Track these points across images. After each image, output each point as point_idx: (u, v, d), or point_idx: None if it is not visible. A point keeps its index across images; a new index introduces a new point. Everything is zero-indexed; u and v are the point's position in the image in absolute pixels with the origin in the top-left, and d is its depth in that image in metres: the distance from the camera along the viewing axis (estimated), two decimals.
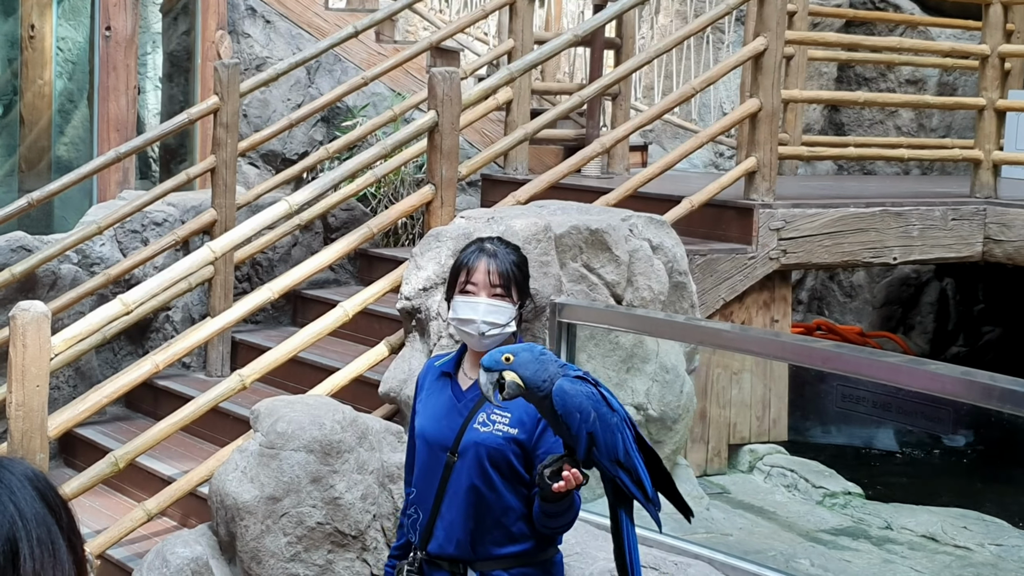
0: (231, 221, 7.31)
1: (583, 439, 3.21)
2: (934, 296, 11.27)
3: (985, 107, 8.13)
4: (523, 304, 3.61)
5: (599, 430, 3.21)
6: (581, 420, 3.20)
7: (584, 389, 3.23)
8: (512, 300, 3.59)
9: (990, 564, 5.92)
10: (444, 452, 3.59)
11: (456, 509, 3.57)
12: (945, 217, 7.87)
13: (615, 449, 3.23)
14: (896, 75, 12.00)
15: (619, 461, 3.24)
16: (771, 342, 5.35)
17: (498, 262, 3.59)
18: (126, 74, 8.94)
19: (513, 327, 3.61)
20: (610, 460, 3.24)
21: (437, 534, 3.61)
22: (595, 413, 3.21)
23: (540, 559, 3.60)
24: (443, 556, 3.61)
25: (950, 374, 4.29)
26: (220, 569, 5.02)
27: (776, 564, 5.18)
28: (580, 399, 3.21)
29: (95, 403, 5.69)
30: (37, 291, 7.15)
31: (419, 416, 3.70)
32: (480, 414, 3.55)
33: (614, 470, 3.25)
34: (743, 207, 7.22)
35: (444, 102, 6.33)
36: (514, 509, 3.54)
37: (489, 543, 3.55)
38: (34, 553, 1.37)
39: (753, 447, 7.15)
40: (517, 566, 3.57)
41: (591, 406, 3.21)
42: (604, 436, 3.22)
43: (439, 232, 5.80)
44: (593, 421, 3.20)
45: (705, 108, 11.73)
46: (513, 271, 3.59)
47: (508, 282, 3.59)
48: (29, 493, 1.40)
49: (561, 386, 3.21)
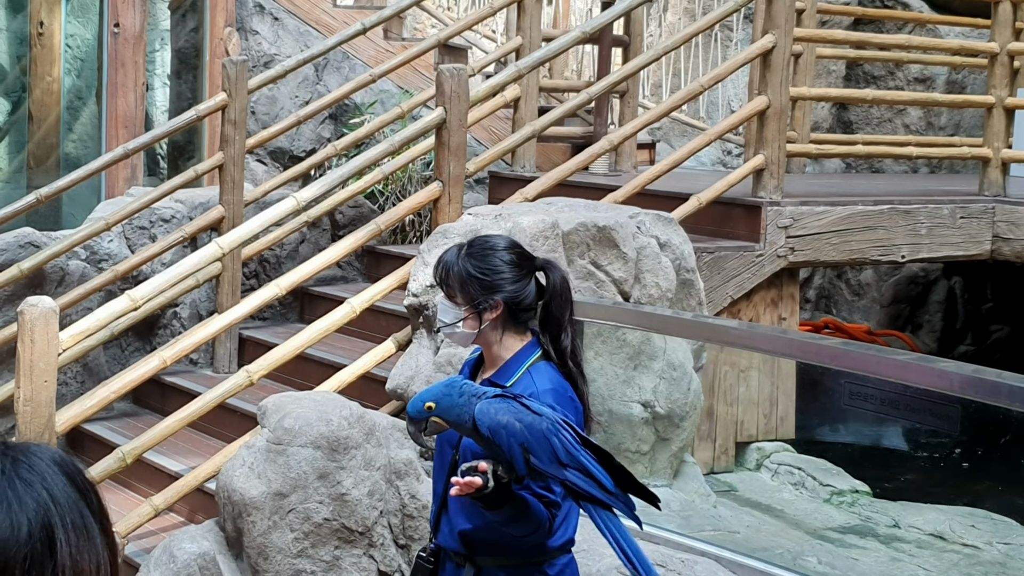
0: (239, 218, 7.31)
1: (517, 453, 3.19)
2: (942, 295, 11.25)
3: (994, 105, 8.11)
4: (478, 306, 3.58)
5: (529, 439, 3.19)
6: (508, 434, 3.19)
7: (502, 405, 3.22)
8: (456, 302, 3.57)
9: (998, 563, 5.91)
10: (451, 449, 3.60)
11: (457, 505, 3.58)
12: (953, 215, 7.86)
13: (552, 452, 3.20)
14: (904, 73, 11.98)
15: (560, 462, 3.21)
16: (779, 339, 5.35)
17: (444, 263, 3.60)
18: (134, 71, 8.94)
19: (461, 328, 3.57)
20: (552, 464, 3.21)
21: (443, 527, 3.64)
22: (519, 424, 3.19)
23: (538, 560, 3.57)
24: (448, 549, 3.64)
25: (958, 372, 4.28)
26: (227, 565, 5.02)
27: (783, 562, 5.17)
28: (500, 415, 3.20)
29: (103, 398, 5.70)
30: (45, 287, 7.16)
31: None
32: None
33: (559, 473, 3.22)
34: (751, 204, 7.21)
35: (452, 99, 6.33)
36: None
37: (488, 540, 3.55)
38: (69, 538, 1.37)
39: (760, 445, 7.15)
40: (513, 565, 3.56)
41: (513, 418, 3.19)
42: (537, 443, 3.20)
43: (447, 229, 5.80)
44: (521, 431, 3.19)
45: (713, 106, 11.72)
46: (456, 272, 3.56)
47: (447, 281, 3.58)
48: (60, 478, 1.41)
49: (480, 409, 3.20)
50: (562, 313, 3.57)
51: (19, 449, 1.43)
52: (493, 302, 3.55)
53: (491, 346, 3.59)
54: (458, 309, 3.57)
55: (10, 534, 1.35)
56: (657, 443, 6.03)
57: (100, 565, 1.40)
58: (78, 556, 1.38)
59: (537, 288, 3.62)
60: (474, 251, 3.61)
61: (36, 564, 1.35)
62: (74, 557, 1.37)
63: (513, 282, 3.57)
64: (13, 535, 1.35)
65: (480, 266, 3.56)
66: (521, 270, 3.60)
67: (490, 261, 3.58)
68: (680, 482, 6.17)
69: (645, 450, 5.98)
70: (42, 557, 1.35)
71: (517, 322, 3.61)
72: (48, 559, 1.36)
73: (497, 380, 3.55)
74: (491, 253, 3.59)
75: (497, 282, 3.55)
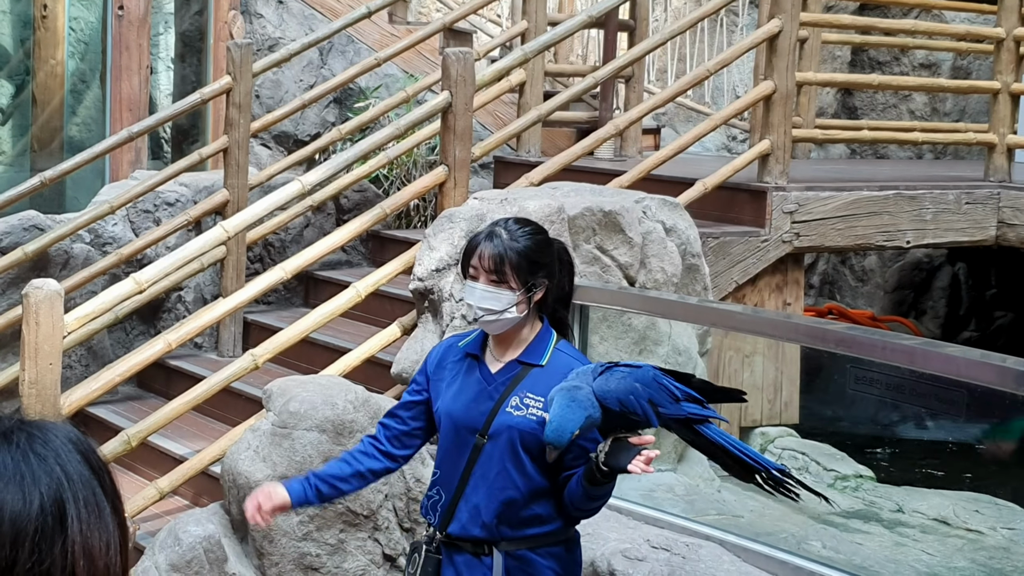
0: (243, 202, 7.31)
1: (649, 410, 3.32)
2: (946, 280, 11.25)
3: (1000, 91, 8.09)
4: (530, 288, 3.57)
5: (653, 393, 3.32)
6: (636, 398, 3.30)
7: (612, 376, 3.32)
8: (510, 286, 3.55)
9: (1002, 548, 5.92)
10: (472, 435, 3.58)
11: (484, 491, 3.57)
12: (959, 201, 7.84)
13: (670, 393, 3.35)
14: (910, 59, 11.96)
15: (677, 399, 3.36)
16: (784, 324, 5.35)
17: (494, 246, 3.55)
18: (138, 54, 8.93)
19: (513, 313, 3.55)
20: (673, 404, 3.35)
21: (460, 516, 3.61)
22: (639, 384, 3.32)
23: (564, 538, 3.64)
24: (465, 538, 3.61)
25: (964, 357, 4.28)
26: (232, 548, 5.03)
27: (788, 546, 5.17)
28: (619, 385, 3.31)
29: (107, 382, 5.70)
30: (49, 270, 7.16)
31: (443, 397, 3.67)
32: (512, 398, 3.55)
33: (682, 410, 3.36)
34: (756, 190, 7.20)
35: (458, 82, 6.32)
36: (543, 491, 3.57)
37: (518, 523, 3.57)
38: (81, 514, 1.37)
39: (765, 430, 7.15)
40: (544, 545, 3.60)
41: (629, 381, 3.31)
42: (656, 393, 3.33)
43: (452, 213, 5.80)
44: (643, 390, 3.31)
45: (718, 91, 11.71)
46: (511, 256, 3.53)
47: (502, 267, 3.53)
48: (74, 456, 1.41)
49: (598, 391, 3.30)
50: (572, 290, 3.76)
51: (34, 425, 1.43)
52: (542, 283, 3.58)
53: (523, 328, 3.60)
54: (512, 294, 3.55)
55: (22, 508, 1.35)
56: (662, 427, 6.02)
57: (110, 543, 1.40)
58: (89, 533, 1.38)
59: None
60: (521, 233, 3.60)
61: (47, 538, 1.35)
62: (85, 533, 1.37)
63: (552, 262, 3.66)
64: (25, 509, 1.35)
65: (533, 248, 3.59)
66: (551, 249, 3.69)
67: (539, 242, 3.62)
68: (684, 467, 6.17)
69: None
70: (53, 532, 1.36)
71: (543, 303, 3.65)
72: (59, 534, 1.36)
73: (527, 360, 3.57)
74: (536, 235, 3.64)
75: (545, 263, 3.61)
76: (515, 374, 3.58)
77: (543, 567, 3.58)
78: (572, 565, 3.65)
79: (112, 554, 1.40)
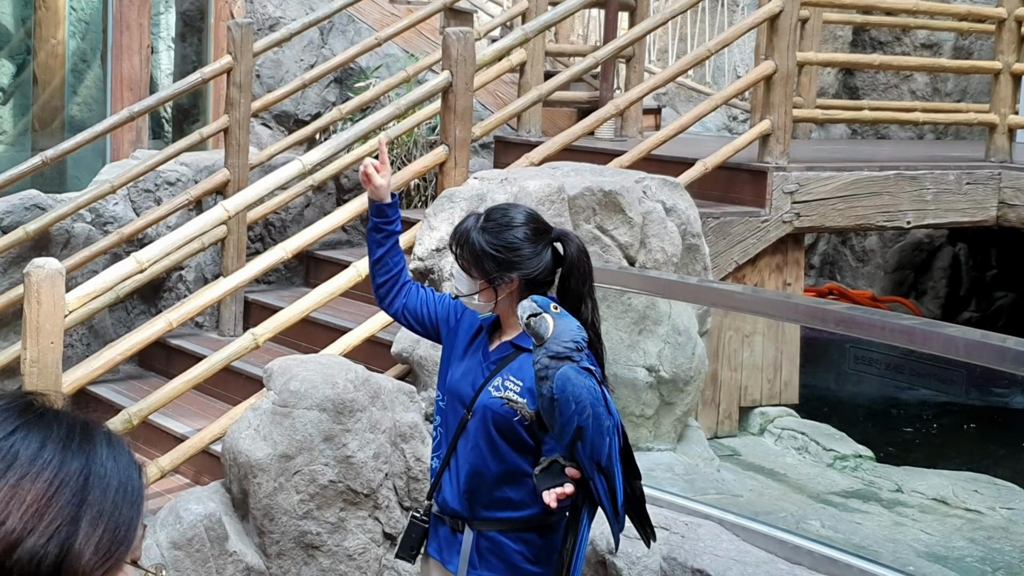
0: (244, 181, 7.31)
1: (571, 430, 3.22)
2: (947, 261, 11.25)
3: (1001, 71, 8.08)
4: (493, 281, 3.54)
5: (590, 427, 3.21)
6: (575, 411, 3.21)
7: (589, 383, 3.24)
8: (471, 275, 3.55)
9: (1001, 528, 5.93)
10: (462, 408, 3.60)
11: (461, 466, 3.59)
12: (959, 181, 7.84)
13: (600, 452, 3.23)
14: (911, 39, 11.93)
15: (600, 465, 3.24)
16: (784, 304, 5.36)
17: (461, 232, 3.57)
18: (139, 33, 8.92)
19: (477, 300, 3.55)
20: (591, 460, 3.23)
21: (444, 487, 3.63)
22: (591, 410, 3.22)
23: (539, 524, 3.58)
24: (446, 510, 3.63)
25: (963, 336, 4.29)
26: (233, 526, 5.05)
27: (786, 525, 5.19)
28: (581, 391, 3.21)
29: (109, 360, 5.71)
30: (51, 249, 7.17)
31: (452, 365, 3.69)
32: (497, 378, 3.55)
33: (592, 472, 3.25)
34: (757, 170, 7.20)
35: (458, 62, 6.31)
36: (516, 475, 3.53)
37: (488, 504, 3.55)
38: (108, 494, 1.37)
39: (764, 410, 7.16)
40: (516, 530, 3.56)
41: (589, 401, 3.22)
42: (593, 435, 3.22)
43: (452, 193, 5.80)
44: (587, 417, 3.21)
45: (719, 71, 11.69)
46: (470, 247, 3.53)
47: (464, 254, 3.55)
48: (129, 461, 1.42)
49: (566, 372, 3.22)
50: (580, 286, 3.51)
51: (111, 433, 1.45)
52: (508, 279, 3.52)
53: (508, 316, 3.58)
54: (474, 282, 3.56)
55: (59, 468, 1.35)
56: (661, 407, 6.04)
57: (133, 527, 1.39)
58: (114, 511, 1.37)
59: (554, 257, 3.57)
60: (490, 225, 3.54)
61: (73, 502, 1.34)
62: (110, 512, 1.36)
63: (529, 258, 3.52)
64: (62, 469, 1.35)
65: (495, 243, 3.51)
66: (537, 244, 3.54)
67: (505, 238, 3.52)
68: (684, 446, 6.19)
69: (649, 414, 5.99)
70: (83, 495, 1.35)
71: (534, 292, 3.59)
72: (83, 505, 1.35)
73: (520, 343, 3.55)
74: (507, 229, 3.53)
75: (512, 259, 3.51)
76: (506, 355, 3.57)
77: (511, 551, 3.55)
78: (547, 552, 3.57)
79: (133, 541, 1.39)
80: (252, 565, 4.98)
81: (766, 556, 4.73)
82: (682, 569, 4.74)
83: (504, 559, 3.56)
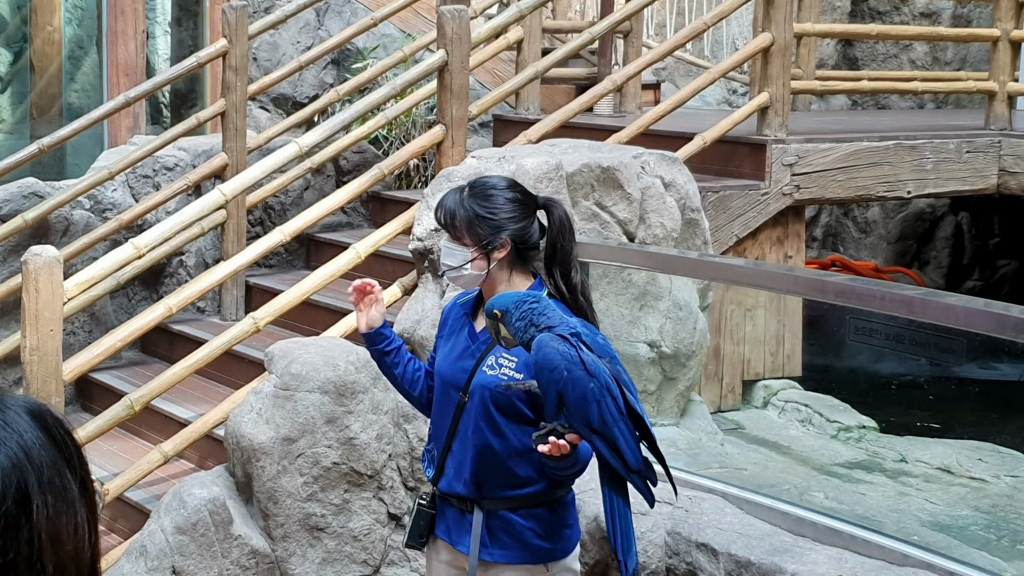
0: (242, 165, 7.30)
1: (552, 397, 3.23)
2: (949, 230, 11.23)
3: (1000, 38, 8.05)
4: (487, 246, 3.56)
5: (569, 392, 3.20)
6: (550, 378, 3.21)
7: (561, 348, 3.22)
8: (463, 243, 3.57)
9: (1005, 495, 5.93)
10: (457, 392, 3.61)
11: (464, 449, 3.59)
12: (959, 150, 7.82)
13: (587, 415, 3.21)
14: (910, 8, 11.89)
15: (592, 427, 3.22)
16: (785, 276, 5.34)
17: (449, 202, 3.60)
18: (134, 18, 8.90)
19: (469, 269, 3.58)
20: (582, 426, 3.23)
21: (447, 471, 3.64)
22: (567, 374, 3.20)
23: (548, 499, 3.60)
24: (452, 494, 3.64)
25: (963, 305, 4.28)
26: (237, 509, 5.05)
27: (790, 497, 5.19)
28: (553, 356, 3.21)
29: (110, 347, 5.71)
30: (49, 237, 7.16)
31: (439, 354, 3.72)
32: (490, 357, 3.56)
33: (587, 436, 3.24)
34: (756, 143, 7.18)
35: (453, 40, 6.29)
36: (520, 452, 3.54)
37: (495, 484, 3.57)
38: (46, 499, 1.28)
39: (767, 383, 7.16)
40: (524, 507, 3.58)
41: (564, 366, 3.20)
42: (574, 399, 3.21)
43: (450, 172, 5.79)
44: (563, 382, 3.20)
45: (718, 45, 11.65)
46: (461, 212, 3.56)
47: (453, 222, 3.58)
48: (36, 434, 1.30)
49: (539, 340, 3.24)
50: (571, 247, 3.59)
51: None
52: (501, 240, 3.55)
53: (498, 287, 3.59)
54: (466, 251, 3.57)
55: None
56: (664, 382, 6.04)
57: (78, 526, 1.32)
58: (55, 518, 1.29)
59: (539, 227, 3.64)
60: (476, 191, 3.61)
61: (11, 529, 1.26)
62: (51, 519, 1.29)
63: (519, 220, 3.59)
64: None
65: (486, 205, 3.57)
66: (525, 208, 3.62)
67: (495, 200, 3.58)
68: (687, 421, 6.19)
69: (652, 390, 5.99)
70: (17, 521, 1.27)
71: (523, 262, 3.62)
72: (23, 523, 1.27)
73: None
74: (494, 192, 3.60)
75: (503, 220, 3.57)
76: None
77: (522, 528, 3.57)
78: (557, 527, 3.60)
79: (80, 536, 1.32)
80: (257, 548, 4.99)
81: (770, 529, 4.73)
82: (686, 543, 4.75)
83: (515, 536, 3.57)
